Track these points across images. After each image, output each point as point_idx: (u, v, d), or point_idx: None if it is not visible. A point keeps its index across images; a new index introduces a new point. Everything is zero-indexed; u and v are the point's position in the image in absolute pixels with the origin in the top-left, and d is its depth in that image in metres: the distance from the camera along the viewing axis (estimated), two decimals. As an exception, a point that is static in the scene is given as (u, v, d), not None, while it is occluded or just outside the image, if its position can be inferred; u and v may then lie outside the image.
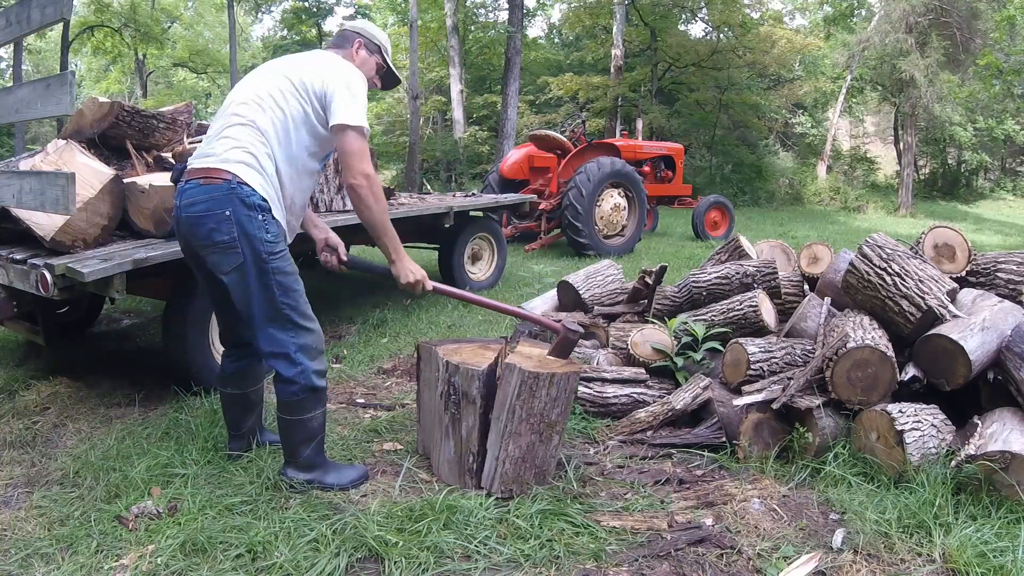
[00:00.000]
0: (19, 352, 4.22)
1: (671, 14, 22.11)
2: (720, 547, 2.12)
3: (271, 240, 2.23)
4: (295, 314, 2.30)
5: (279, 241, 2.27)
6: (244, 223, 2.19)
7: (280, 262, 2.26)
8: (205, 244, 2.24)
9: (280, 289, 2.26)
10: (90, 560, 2.01)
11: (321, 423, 2.42)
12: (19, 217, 3.07)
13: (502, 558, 2.04)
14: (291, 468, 2.42)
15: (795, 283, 3.67)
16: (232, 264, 2.23)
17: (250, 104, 2.30)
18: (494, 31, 22.55)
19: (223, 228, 2.19)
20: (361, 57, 2.58)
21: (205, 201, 2.20)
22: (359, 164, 2.24)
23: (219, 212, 2.19)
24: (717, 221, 11.11)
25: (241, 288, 2.26)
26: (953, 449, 2.41)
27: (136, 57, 26.79)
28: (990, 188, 26.78)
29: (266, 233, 2.22)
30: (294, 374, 2.31)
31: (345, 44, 2.58)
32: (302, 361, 2.31)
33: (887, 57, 19.78)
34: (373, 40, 2.62)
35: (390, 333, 4.75)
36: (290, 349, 2.30)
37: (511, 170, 9.97)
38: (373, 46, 2.62)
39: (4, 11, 2.96)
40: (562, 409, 2.39)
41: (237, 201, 2.18)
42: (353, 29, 2.62)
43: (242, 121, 2.28)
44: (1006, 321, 2.71)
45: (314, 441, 2.40)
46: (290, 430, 2.38)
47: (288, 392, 2.33)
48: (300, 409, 2.34)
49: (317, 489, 2.38)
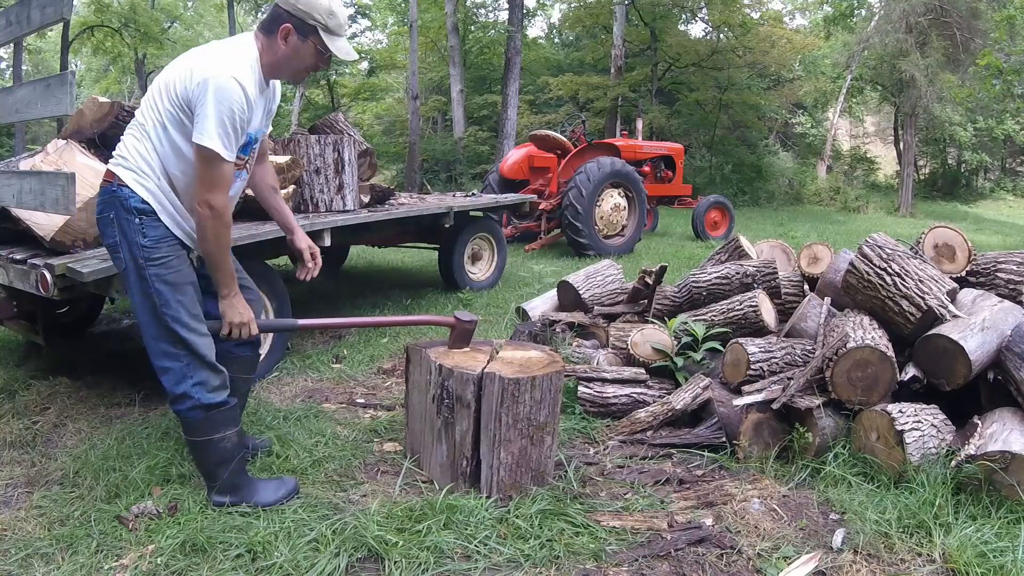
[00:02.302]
0: (19, 352, 4.22)
1: (671, 14, 22.10)
2: (720, 547, 2.12)
3: (148, 245, 2.09)
4: (178, 325, 2.12)
5: (160, 246, 2.11)
6: (124, 226, 2.10)
7: (160, 268, 2.10)
8: (105, 247, 2.20)
9: (160, 299, 2.10)
10: (90, 560, 2.01)
11: (235, 444, 2.27)
12: (19, 217, 3.07)
13: (502, 558, 2.04)
14: (214, 493, 2.28)
15: (795, 283, 3.67)
16: (119, 268, 2.18)
17: (143, 103, 2.16)
18: (494, 31, 22.56)
19: (107, 232, 2.13)
20: (291, 46, 2.14)
21: (99, 204, 2.15)
22: (203, 191, 2.04)
23: (105, 215, 2.12)
24: (717, 221, 11.11)
25: (129, 294, 2.16)
26: (953, 449, 2.41)
27: (136, 57, 26.78)
28: (990, 188, 26.80)
29: (142, 237, 2.09)
30: (184, 390, 2.16)
31: (272, 28, 2.14)
32: (190, 375, 2.16)
33: (887, 57, 19.79)
34: (307, 20, 2.11)
35: (390, 333, 4.75)
36: (176, 363, 2.14)
37: (511, 170, 9.97)
38: (308, 27, 2.12)
39: (4, 11, 2.96)
40: (550, 410, 2.39)
41: (118, 204, 2.09)
42: (284, 6, 2.11)
43: (134, 121, 2.17)
44: (1006, 321, 2.71)
45: (232, 463, 2.25)
46: (200, 452, 2.25)
47: (183, 410, 2.18)
48: (201, 429, 2.20)
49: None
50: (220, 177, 2.05)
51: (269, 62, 2.17)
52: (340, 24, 2.17)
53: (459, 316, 2.61)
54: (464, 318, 2.61)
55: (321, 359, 4.10)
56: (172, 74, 2.09)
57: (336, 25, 2.16)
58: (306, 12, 2.10)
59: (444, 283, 6.26)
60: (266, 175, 2.52)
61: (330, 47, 2.17)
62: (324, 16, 2.12)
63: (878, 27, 20.25)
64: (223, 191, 2.08)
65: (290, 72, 2.25)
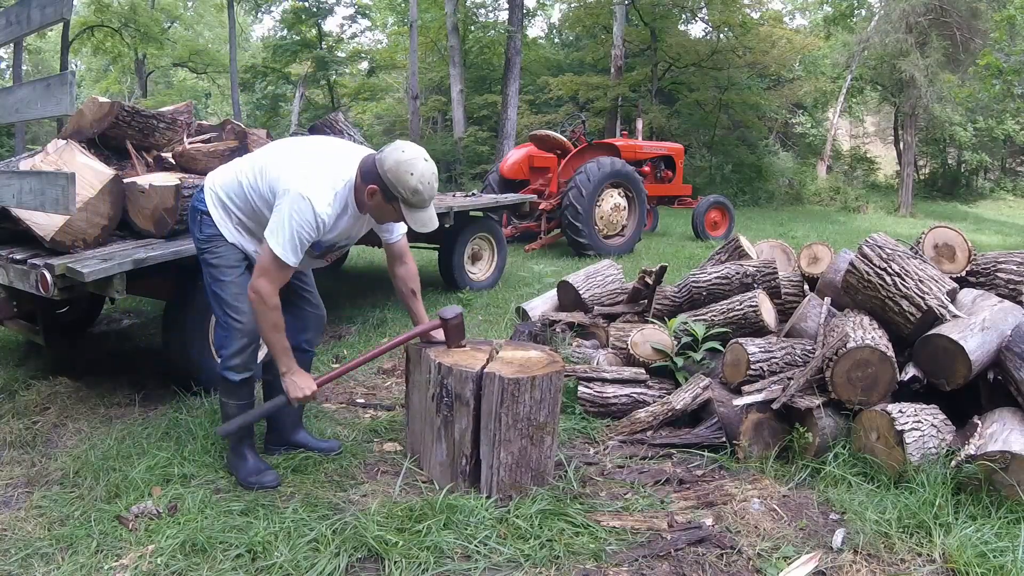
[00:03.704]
0: (19, 352, 4.22)
1: (671, 14, 22.08)
2: (720, 547, 2.12)
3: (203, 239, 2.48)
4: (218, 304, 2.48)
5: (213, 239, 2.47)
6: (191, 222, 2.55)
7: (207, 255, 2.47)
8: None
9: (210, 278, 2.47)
10: (90, 560, 2.01)
11: (233, 415, 2.51)
12: (19, 217, 3.07)
13: (502, 558, 2.04)
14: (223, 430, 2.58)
15: (795, 283, 3.67)
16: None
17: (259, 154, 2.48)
18: (494, 31, 22.53)
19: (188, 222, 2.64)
20: (375, 203, 2.30)
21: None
22: (257, 276, 2.27)
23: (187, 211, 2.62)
24: (717, 221, 11.11)
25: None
26: (953, 449, 2.41)
27: (136, 57, 26.77)
28: (990, 188, 26.77)
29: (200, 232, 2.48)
30: (221, 355, 2.54)
31: (366, 178, 2.29)
32: (225, 347, 2.49)
33: (887, 57, 19.77)
34: (392, 190, 2.24)
35: (390, 333, 4.75)
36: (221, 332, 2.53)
37: (511, 170, 9.96)
38: (392, 195, 2.25)
39: (4, 11, 2.96)
40: (549, 410, 2.39)
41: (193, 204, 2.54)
42: (378, 168, 2.24)
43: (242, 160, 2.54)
44: (1006, 321, 2.71)
45: (233, 426, 2.50)
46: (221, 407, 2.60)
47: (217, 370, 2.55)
48: (221, 391, 2.56)
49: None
50: (276, 274, 2.27)
51: (359, 200, 2.35)
52: (423, 200, 2.28)
53: (442, 315, 2.59)
54: (447, 315, 2.58)
55: (321, 359, 4.10)
56: (281, 155, 2.36)
57: (419, 201, 2.28)
58: (393, 184, 2.24)
59: (444, 283, 6.26)
60: (408, 279, 2.67)
61: (407, 218, 2.33)
62: (408, 193, 2.25)
63: (878, 27, 20.23)
64: (274, 284, 2.28)
65: (375, 216, 2.42)
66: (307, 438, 2.78)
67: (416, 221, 2.32)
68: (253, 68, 22.60)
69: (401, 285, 2.67)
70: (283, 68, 22.20)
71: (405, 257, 2.67)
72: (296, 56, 21.58)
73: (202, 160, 3.85)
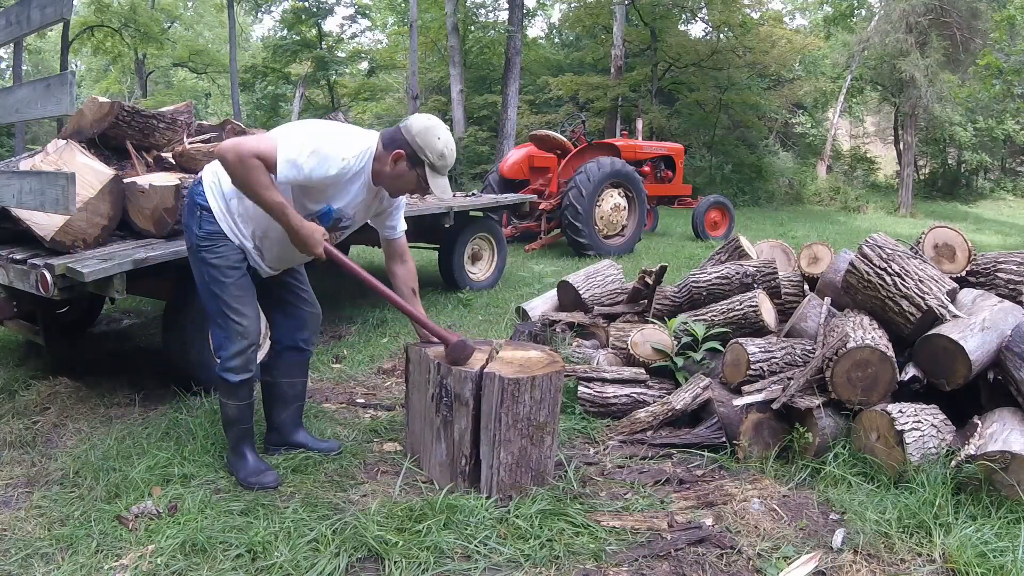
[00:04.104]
0: (19, 352, 4.22)
1: (671, 14, 22.08)
2: (720, 547, 2.12)
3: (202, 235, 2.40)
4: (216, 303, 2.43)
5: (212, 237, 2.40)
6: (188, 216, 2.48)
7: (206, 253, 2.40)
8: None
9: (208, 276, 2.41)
10: (90, 560, 2.01)
11: (233, 417, 2.51)
12: (19, 217, 3.07)
13: (502, 558, 2.04)
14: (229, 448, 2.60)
15: (795, 283, 3.67)
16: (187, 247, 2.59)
17: None
18: (494, 31, 22.53)
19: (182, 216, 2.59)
20: (399, 169, 2.33)
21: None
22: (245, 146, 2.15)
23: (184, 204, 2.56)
24: (717, 221, 11.11)
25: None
26: (953, 449, 2.41)
27: (136, 57, 26.77)
28: (990, 188, 26.76)
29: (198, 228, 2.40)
30: (219, 357, 2.50)
31: (389, 146, 2.32)
32: (222, 348, 2.46)
33: (887, 57, 19.78)
34: (419, 154, 2.30)
35: (390, 333, 4.75)
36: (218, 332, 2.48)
37: (511, 170, 9.96)
38: (418, 159, 2.31)
39: (4, 11, 2.96)
40: (549, 410, 2.39)
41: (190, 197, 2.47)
42: (405, 134, 2.31)
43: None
44: (1006, 321, 2.71)
45: (232, 428, 2.53)
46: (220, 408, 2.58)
47: (215, 371, 2.51)
48: (220, 391, 2.53)
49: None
50: (255, 163, 2.14)
51: (378, 170, 2.36)
52: (446, 165, 2.36)
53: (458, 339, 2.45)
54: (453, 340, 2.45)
55: (321, 359, 4.10)
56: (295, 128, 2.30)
57: (442, 166, 2.35)
58: (421, 148, 2.30)
59: (444, 283, 6.26)
60: (408, 278, 2.69)
61: (430, 183, 2.36)
62: (434, 156, 2.32)
63: (878, 27, 20.24)
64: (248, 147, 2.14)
65: (390, 187, 2.43)
66: (307, 438, 2.78)
67: (438, 186, 2.37)
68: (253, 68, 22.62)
69: (400, 284, 2.66)
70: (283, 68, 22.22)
71: (405, 256, 2.68)
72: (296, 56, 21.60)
73: (202, 160, 3.85)
